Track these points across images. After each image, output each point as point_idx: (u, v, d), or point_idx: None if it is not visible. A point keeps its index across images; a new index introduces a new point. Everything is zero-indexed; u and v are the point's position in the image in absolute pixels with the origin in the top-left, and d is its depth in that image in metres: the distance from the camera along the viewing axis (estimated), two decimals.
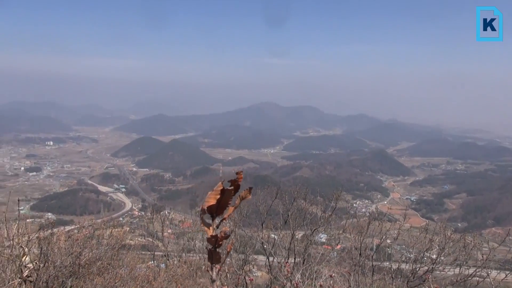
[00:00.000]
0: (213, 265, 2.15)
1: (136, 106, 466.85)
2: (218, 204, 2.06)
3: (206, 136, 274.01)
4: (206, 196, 2.02)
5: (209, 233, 2.09)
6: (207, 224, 2.08)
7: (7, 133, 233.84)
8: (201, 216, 2.05)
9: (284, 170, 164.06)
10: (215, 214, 2.08)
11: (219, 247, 2.02)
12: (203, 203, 2.08)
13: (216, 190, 2.08)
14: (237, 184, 2.10)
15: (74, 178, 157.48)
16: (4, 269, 7.43)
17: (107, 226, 10.17)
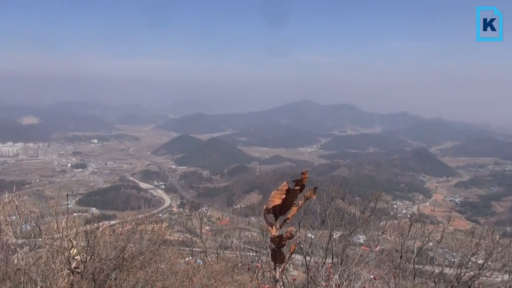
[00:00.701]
0: (277, 265, 2.16)
1: (175, 105, 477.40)
2: (282, 204, 2.06)
3: (243, 135, 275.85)
4: (271, 195, 2.08)
5: (273, 232, 2.09)
6: (271, 223, 2.12)
7: (56, 131, 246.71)
8: (265, 215, 2.08)
9: (321, 169, 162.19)
10: (278, 214, 2.08)
11: (283, 247, 2.10)
12: (268, 203, 2.07)
13: (281, 189, 2.07)
14: (302, 184, 2.09)
15: (116, 175, 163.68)
16: (54, 260, 7.85)
17: (149, 222, 10.50)
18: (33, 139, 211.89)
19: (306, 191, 2.13)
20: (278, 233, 2.08)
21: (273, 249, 2.11)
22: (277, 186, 10.06)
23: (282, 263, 2.15)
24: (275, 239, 2.09)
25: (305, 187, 10.37)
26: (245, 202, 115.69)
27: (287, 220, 2.10)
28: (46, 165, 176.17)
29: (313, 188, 2.11)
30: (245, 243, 25.30)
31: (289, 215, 2.11)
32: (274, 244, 2.11)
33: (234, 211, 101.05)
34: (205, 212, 44.97)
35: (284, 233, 2.06)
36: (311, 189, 2.14)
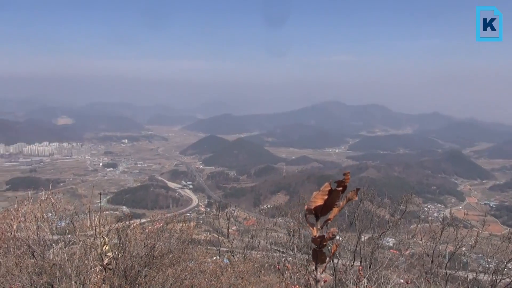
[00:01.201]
0: (318, 265, 2.17)
1: (203, 106, 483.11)
2: (324, 205, 2.07)
3: (270, 135, 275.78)
4: (312, 196, 2.10)
5: (314, 233, 2.11)
6: (312, 224, 2.14)
7: (89, 131, 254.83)
8: (305, 215, 2.08)
9: (349, 170, 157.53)
10: (319, 215, 2.09)
11: (324, 247, 2.10)
12: (309, 203, 2.08)
13: (323, 190, 2.08)
14: (345, 185, 2.10)
15: (146, 174, 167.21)
16: (87, 256, 8.12)
17: (178, 221, 10.68)
18: (67, 139, 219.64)
19: (348, 192, 2.18)
20: (319, 233, 2.13)
21: (314, 249, 2.13)
22: (304, 187, 10.26)
23: (323, 263, 2.16)
24: (316, 240, 2.10)
25: None
26: (272, 202, 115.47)
27: (329, 220, 2.13)
28: (79, 164, 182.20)
29: (356, 190, 2.10)
30: (272, 243, 25.29)
31: (330, 215, 2.11)
32: (315, 244, 2.12)
33: (260, 211, 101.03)
34: (232, 212, 45.10)
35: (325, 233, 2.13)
36: (353, 190, 2.16)
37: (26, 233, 8.34)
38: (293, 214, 18.80)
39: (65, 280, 7.19)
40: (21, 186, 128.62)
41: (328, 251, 2.16)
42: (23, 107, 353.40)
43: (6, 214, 8.45)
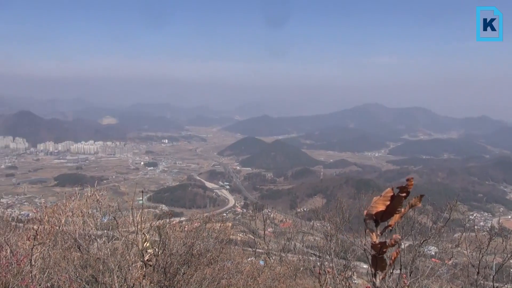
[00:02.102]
0: (377, 272, 2.13)
1: (242, 107, 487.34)
2: (385, 210, 2.03)
3: (308, 138, 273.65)
4: (372, 201, 2.06)
5: (374, 239, 2.08)
6: (372, 230, 2.10)
7: (131, 131, 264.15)
8: (365, 221, 2.07)
9: (389, 175, 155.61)
10: (379, 221, 2.06)
11: (384, 254, 2.08)
12: (370, 208, 2.05)
13: (385, 196, 2.03)
14: (408, 191, 2.02)
15: (184, 174, 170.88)
16: (129, 252, 8.41)
17: (216, 221, 10.84)
18: (111, 138, 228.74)
19: (412, 198, 2.15)
20: (379, 239, 2.07)
21: (374, 255, 2.07)
22: (342, 190, 10.14)
23: (383, 270, 2.08)
24: (376, 246, 2.05)
25: (373, 192, 10.16)
26: (309, 205, 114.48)
27: (389, 227, 2.10)
28: (121, 162, 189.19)
29: (419, 196, 2.11)
30: (308, 247, 25.07)
31: (391, 222, 2.06)
32: (374, 251, 2.07)
33: (297, 214, 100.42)
34: (268, 214, 45.20)
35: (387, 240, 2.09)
36: (417, 197, 2.12)
37: (73, 227, 8.77)
38: (331, 218, 18.54)
39: (108, 274, 7.49)
40: (68, 182, 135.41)
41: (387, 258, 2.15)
42: (71, 107, 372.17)
43: (56, 208, 8.93)
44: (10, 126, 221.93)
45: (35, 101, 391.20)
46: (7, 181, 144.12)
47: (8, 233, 8.64)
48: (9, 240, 7.96)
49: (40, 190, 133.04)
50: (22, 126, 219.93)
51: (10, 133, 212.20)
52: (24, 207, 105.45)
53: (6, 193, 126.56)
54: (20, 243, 7.84)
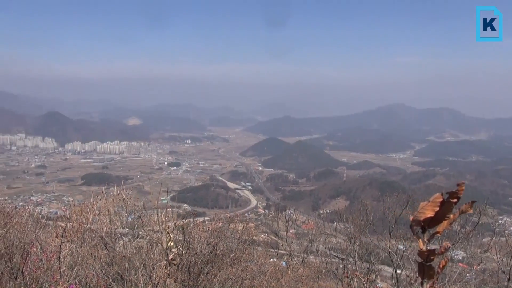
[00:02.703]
0: (424, 280, 2.06)
1: (264, 108, 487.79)
2: (434, 217, 1.95)
3: (331, 139, 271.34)
4: (420, 206, 1.99)
5: (421, 246, 2.00)
6: (419, 236, 2.03)
7: (155, 132, 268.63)
8: (411, 226, 2.01)
9: (414, 177, 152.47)
10: (427, 227, 1.98)
11: (431, 261, 2.01)
12: (417, 214, 1.98)
13: (434, 201, 1.96)
14: (458, 197, 1.95)
15: (207, 174, 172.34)
16: (153, 250, 8.54)
17: (239, 221, 10.88)
18: (136, 139, 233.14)
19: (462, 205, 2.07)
20: (426, 246, 2.02)
21: (421, 263, 1.99)
22: (365, 192, 9.92)
23: (431, 278, 2.01)
24: (423, 253, 1.97)
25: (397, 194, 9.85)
26: (331, 207, 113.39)
27: (437, 234, 2.04)
28: (146, 162, 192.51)
29: (470, 202, 2.05)
30: (331, 249, 24.79)
31: (439, 228, 1.98)
32: (422, 258, 1.99)
33: (319, 215, 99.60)
34: (290, 215, 45.03)
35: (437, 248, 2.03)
36: (468, 203, 2.05)
37: (100, 225, 8.97)
38: (354, 220, 18.30)
39: (133, 272, 7.61)
40: (94, 181, 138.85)
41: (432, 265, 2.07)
42: (98, 107, 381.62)
43: (83, 207, 9.16)
44: (40, 127, 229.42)
45: (63, 102, 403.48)
46: (37, 180, 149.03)
47: (38, 230, 8.92)
48: (39, 237, 8.22)
49: (68, 189, 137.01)
50: (51, 127, 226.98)
51: (40, 133, 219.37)
52: (53, 205, 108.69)
53: (36, 191, 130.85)
54: (50, 240, 8.07)
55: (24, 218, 8.84)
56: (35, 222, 10.61)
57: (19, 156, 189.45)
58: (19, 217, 8.63)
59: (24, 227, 8.23)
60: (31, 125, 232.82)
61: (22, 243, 7.40)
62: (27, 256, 6.78)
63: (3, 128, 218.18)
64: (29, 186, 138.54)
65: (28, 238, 7.74)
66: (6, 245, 6.99)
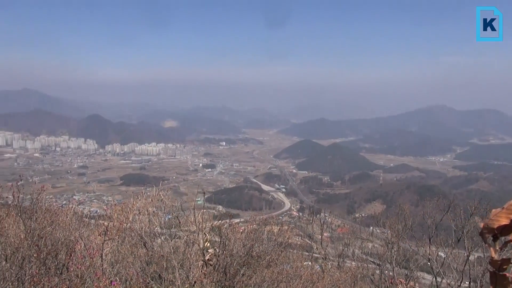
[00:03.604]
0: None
1: (299, 110, 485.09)
2: (509, 225, 1.86)
3: (367, 141, 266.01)
4: (492, 213, 1.91)
5: (493, 254, 1.90)
6: (490, 244, 1.95)
7: (191, 134, 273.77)
8: (482, 233, 1.93)
9: (455, 181, 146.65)
10: (499, 235, 1.90)
11: (504, 270, 1.93)
12: (489, 221, 1.88)
13: (509, 208, 1.86)
14: None
15: (241, 176, 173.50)
16: (190, 250, 8.69)
17: (275, 223, 10.88)
18: (172, 141, 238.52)
19: None
20: (498, 255, 1.93)
21: (493, 272, 1.90)
22: (403, 196, 9.59)
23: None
24: (495, 262, 1.87)
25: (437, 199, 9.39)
26: (367, 211, 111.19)
27: (510, 242, 1.95)
28: (181, 164, 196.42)
29: None
30: (367, 254, 24.27)
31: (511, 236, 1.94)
32: (493, 267, 1.96)
33: (355, 219, 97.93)
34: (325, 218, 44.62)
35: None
36: None
37: (139, 225, 9.24)
38: (392, 225, 17.80)
39: (171, 271, 7.78)
40: (132, 181, 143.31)
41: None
42: (136, 110, 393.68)
43: (124, 207, 9.47)
44: (82, 129, 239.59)
45: (104, 105, 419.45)
46: (79, 180, 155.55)
47: (82, 229, 9.31)
48: (83, 235, 8.57)
49: (108, 189, 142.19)
50: (93, 129, 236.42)
51: (82, 135, 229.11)
52: (93, 204, 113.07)
53: (78, 191, 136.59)
54: (92, 238, 8.41)
55: (69, 217, 9.25)
56: (78, 220, 11.07)
57: (63, 157, 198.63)
58: (64, 215, 9.04)
59: (69, 225, 8.61)
60: (74, 128, 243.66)
61: (67, 241, 7.75)
62: (72, 253, 7.11)
63: (49, 130, 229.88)
64: (71, 185, 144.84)
65: (72, 235, 8.09)
66: (53, 242, 7.34)
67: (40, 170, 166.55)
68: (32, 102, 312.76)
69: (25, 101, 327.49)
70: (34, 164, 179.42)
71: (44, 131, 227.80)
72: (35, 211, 7.96)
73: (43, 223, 7.49)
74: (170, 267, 7.74)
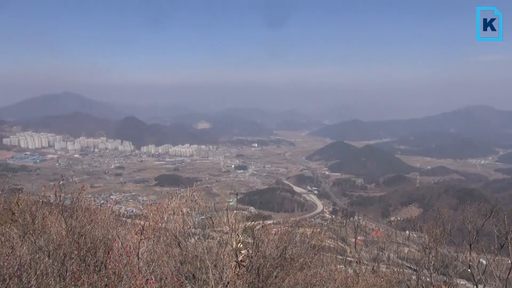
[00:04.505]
0: None
1: (331, 112, 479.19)
2: None
3: (403, 143, 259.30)
4: None
5: None
6: None
7: (223, 135, 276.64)
8: None
9: (498, 184, 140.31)
10: None
11: None
12: None
13: None
14: None
15: (273, 178, 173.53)
16: (223, 251, 8.75)
17: (308, 226, 10.78)
18: (204, 142, 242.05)
19: None
20: None
21: None
22: (441, 200, 9.21)
23: None
24: None
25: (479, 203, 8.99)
26: (403, 215, 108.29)
27: None
28: (214, 165, 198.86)
29: None
30: (402, 258, 23.59)
31: None
32: None
33: (390, 223, 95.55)
34: (359, 222, 43.86)
35: None
36: None
37: (174, 225, 9.40)
38: (429, 229, 17.22)
39: (204, 271, 7.86)
40: (166, 182, 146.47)
41: None
42: (170, 112, 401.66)
43: (159, 207, 9.68)
44: (119, 130, 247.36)
45: (139, 108, 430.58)
46: (116, 180, 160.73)
47: (119, 227, 9.58)
48: (120, 233, 8.81)
49: (143, 189, 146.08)
50: (128, 130, 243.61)
51: (119, 137, 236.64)
52: (129, 204, 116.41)
53: (115, 191, 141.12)
54: (129, 237, 8.63)
55: (107, 216, 9.54)
56: (116, 219, 11.40)
57: (101, 158, 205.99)
58: (103, 214, 9.34)
59: (107, 224, 8.88)
60: (111, 129, 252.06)
61: (105, 239, 8.00)
62: (110, 251, 7.32)
63: (88, 132, 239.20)
64: (109, 185, 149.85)
65: (110, 234, 8.34)
66: (92, 240, 7.60)
67: (80, 170, 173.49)
68: (73, 105, 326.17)
69: (66, 104, 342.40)
70: (74, 164, 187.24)
71: (84, 132, 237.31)
72: (75, 209, 8.27)
73: (83, 222, 7.77)
74: (204, 267, 7.82)
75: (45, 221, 8.04)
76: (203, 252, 8.16)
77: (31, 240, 7.45)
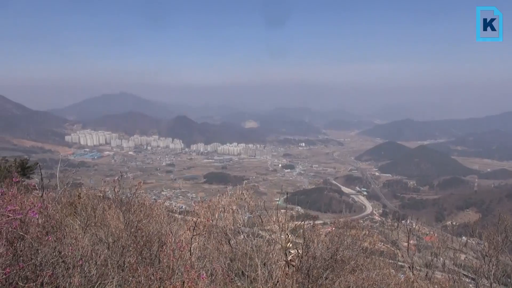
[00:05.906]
0: None
1: (382, 111, 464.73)
2: None
3: (460, 143, 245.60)
4: None
5: None
6: None
7: (271, 134, 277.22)
8: None
9: None
10: None
11: None
12: None
13: None
14: None
15: (320, 177, 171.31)
16: (272, 250, 8.78)
17: (360, 228, 10.55)
18: (252, 141, 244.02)
19: None
20: None
21: None
22: (502, 205, 8.66)
23: None
24: None
25: None
26: (459, 219, 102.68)
27: None
28: (261, 164, 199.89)
29: None
30: (459, 266, 22.42)
31: None
32: None
33: (445, 227, 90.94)
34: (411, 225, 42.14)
35: None
36: None
37: (224, 222, 9.58)
38: (489, 236, 16.20)
39: (253, 269, 7.94)
40: (214, 180, 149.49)
41: None
42: (220, 112, 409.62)
43: (210, 204, 9.91)
44: (170, 129, 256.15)
45: (190, 107, 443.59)
46: (167, 177, 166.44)
47: (172, 223, 9.92)
48: (173, 229, 9.13)
49: (192, 186, 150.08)
50: (179, 129, 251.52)
51: (170, 135, 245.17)
52: (179, 201, 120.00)
53: (166, 187, 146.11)
54: (181, 233, 8.91)
55: (161, 211, 9.91)
56: (168, 215, 11.81)
57: (153, 155, 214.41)
58: (157, 209, 9.71)
59: (161, 219, 9.23)
60: (163, 128, 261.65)
61: (159, 234, 8.32)
62: (164, 245, 7.60)
63: (141, 130, 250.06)
64: (160, 182, 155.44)
65: (164, 229, 8.66)
66: (147, 234, 7.93)
67: (134, 167, 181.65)
68: (128, 104, 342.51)
69: (122, 103, 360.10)
70: (128, 161, 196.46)
71: (137, 131, 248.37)
72: (132, 204, 8.68)
73: (139, 216, 8.13)
74: (253, 265, 7.90)
75: (105, 214, 8.50)
76: (252, 250, 8.24)
77: (92, 232, 7.92)
